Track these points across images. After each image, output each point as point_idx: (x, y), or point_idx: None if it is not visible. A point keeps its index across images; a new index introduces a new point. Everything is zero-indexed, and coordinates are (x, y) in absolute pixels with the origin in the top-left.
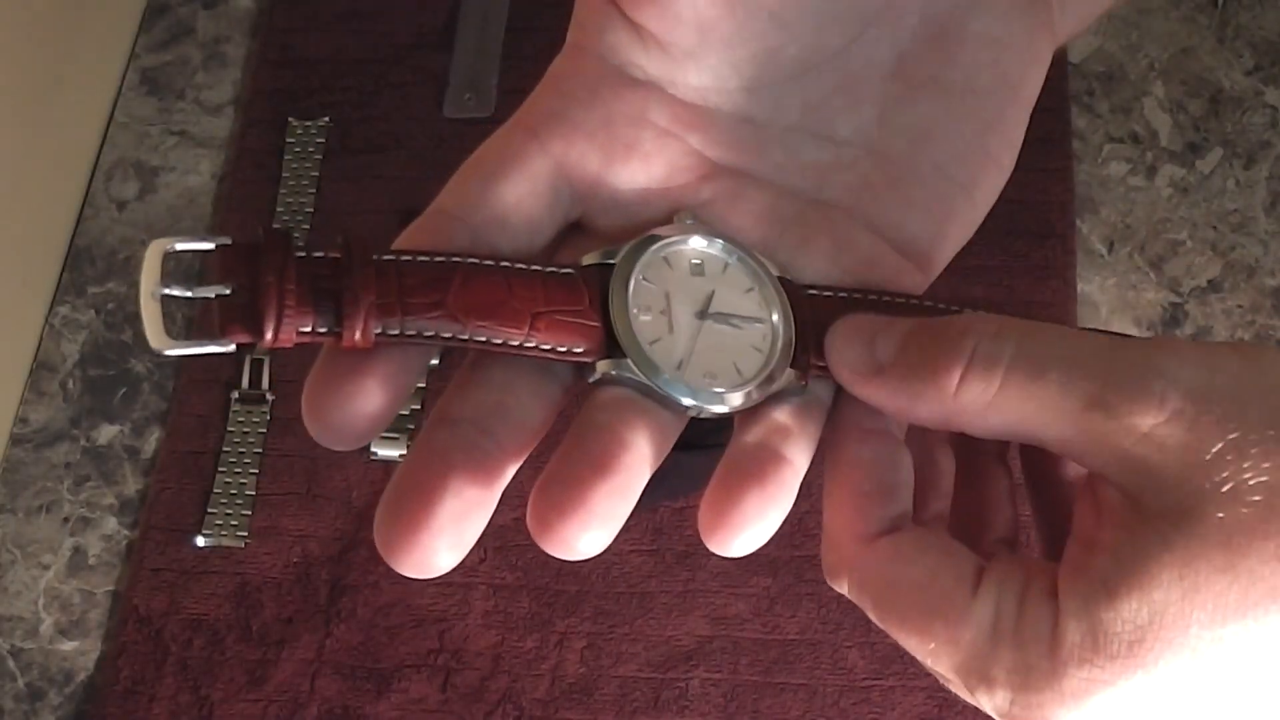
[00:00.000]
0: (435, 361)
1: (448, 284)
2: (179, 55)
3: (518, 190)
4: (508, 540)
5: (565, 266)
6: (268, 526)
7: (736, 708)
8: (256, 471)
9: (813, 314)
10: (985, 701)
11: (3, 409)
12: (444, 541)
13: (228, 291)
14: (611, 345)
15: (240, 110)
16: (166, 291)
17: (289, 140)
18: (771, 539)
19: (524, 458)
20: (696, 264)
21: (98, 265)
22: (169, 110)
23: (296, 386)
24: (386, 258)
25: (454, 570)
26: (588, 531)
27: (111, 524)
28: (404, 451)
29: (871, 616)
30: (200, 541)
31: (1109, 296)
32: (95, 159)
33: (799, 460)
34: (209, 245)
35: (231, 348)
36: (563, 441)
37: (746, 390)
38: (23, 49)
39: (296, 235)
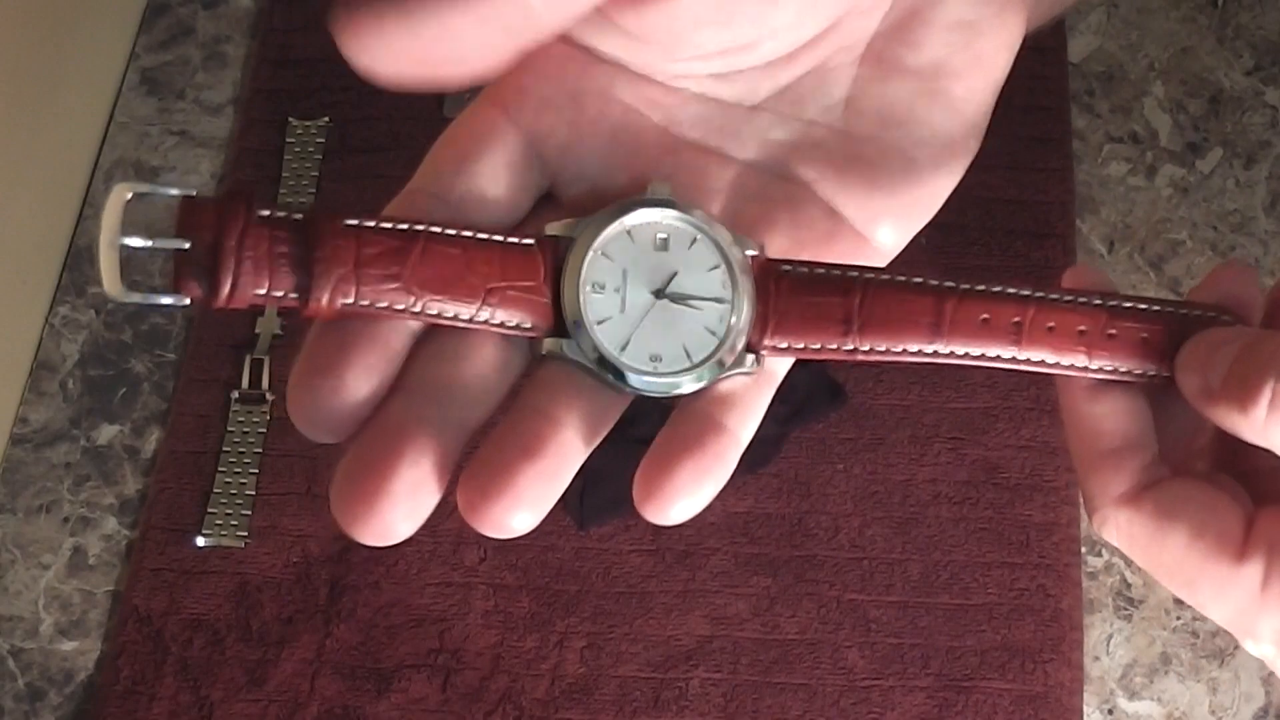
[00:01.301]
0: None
1: (407, 256)
2: (179, 55)
3: (492, 163)
4: (507, 540)
5: (527, 236)
6: (268, 526)
7: (736, 708)
8: (256, 471)
9: (778, 293)
10: (1252, 648)
11: (3, 409)
12: (400, 512)
13: (186, 246)
14: (560, 322)
15: (240, 110)
16: (125, 241)
17: (289, 140)
18: (771, 539)
19: (480, 426)
20: (662, 238)
21: (98, 265)
22: (169, 110)
23: None
24: (351, 223)
25: (454, 570)
26: (516, 513)
27: (111, 524)
28: None
29: (1140, 565)
30: (200, 541)
31: None
32: (95, 159)
33: (740, 431)
34: (172, 192)
35: (186, 302)
36: (499, 423)
37: (690, 375)
38: (23, 49)
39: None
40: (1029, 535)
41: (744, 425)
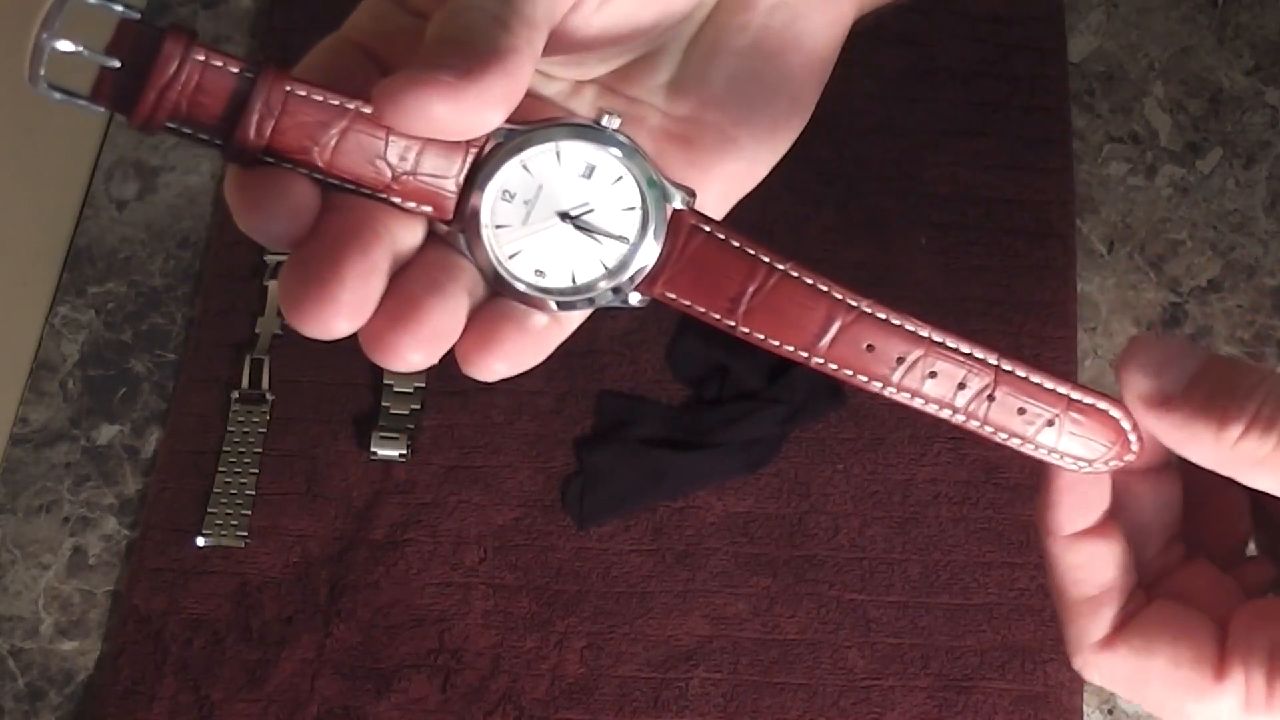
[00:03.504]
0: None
1: (328, 130)
2: None
3: None
4: (507, 540)
5: None
6: (268, 526)
7: (736, 708)
8: (256, 471)
9: (685, 248)
10: None
11: (3, 409)
12: (349, 299)
13: (117, 65)
14: (461, 216)
15: None
16: (57, 45)
17: None
18: (771, 539)
19: (406, 259)
20: (590, 166)
21: (98, 265)
22: None
23: (296, 386)
24: (288, 88)
25: (454, 570)
26: (420, 345)
27: (111, 524)
28: (403, 451)
29: (1129, 701)
30: (200, 541)
31: (1109, 296)
32: (95, 159)
33: (567, 325)
34: (117, 9)
35: (100, 111)
36: (404, 269)
37: (569, 299)
38: (23, 49)
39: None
40: (1029, 535)
41: (569, 321)
